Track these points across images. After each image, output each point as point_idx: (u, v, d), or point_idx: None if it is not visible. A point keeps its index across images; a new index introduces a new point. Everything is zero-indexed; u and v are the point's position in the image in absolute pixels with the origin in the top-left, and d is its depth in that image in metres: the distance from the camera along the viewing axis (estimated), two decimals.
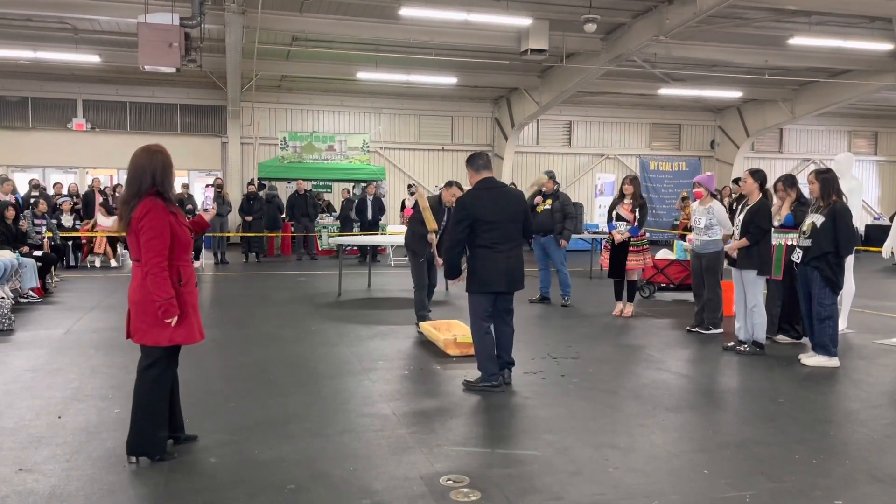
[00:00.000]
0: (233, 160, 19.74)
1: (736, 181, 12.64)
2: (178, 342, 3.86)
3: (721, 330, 7.73)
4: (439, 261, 7.55)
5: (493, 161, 21.97)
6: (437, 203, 7.80)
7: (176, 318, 3.77)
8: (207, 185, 15.18)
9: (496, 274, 5.30)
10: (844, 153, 8.27)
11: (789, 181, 7.21)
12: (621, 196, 8.88)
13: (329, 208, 18.06)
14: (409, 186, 18.03)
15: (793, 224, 6.95)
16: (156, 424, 3.88)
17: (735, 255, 6.82)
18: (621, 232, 8.64)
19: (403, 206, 17.26)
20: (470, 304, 5.45)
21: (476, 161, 5.49)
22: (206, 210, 4.42)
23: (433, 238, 7.63)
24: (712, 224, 7.59)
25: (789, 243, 6.96)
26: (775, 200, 7.26)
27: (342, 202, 17.40)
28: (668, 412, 4.94)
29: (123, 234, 3.91)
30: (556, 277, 9.79)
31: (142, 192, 3.78)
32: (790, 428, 4.62)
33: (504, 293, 5.45)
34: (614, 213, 8.81)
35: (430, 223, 7.61)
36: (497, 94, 21.45)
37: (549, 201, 9.59)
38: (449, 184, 7.77)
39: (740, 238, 6.77)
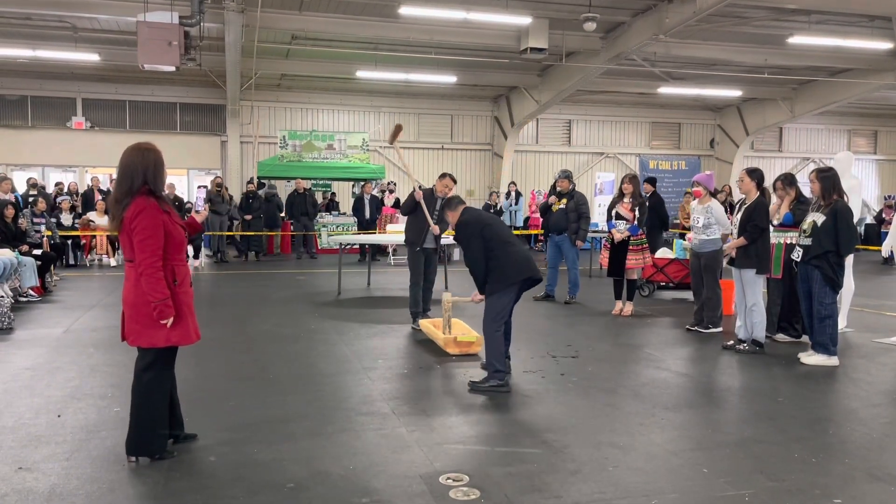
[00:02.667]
0: (232, 159, 19.72)
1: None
2: (174, 343, 3.81)
3: (720, 329, 7.74)
4: (436, 228, 7.61)
5: (492, 160, 22.15)
6: (430, 194, 7.84)
7: (171, 320, 3.73)
8: (199, 187, 15.14)
9: (522, 263, 5.38)
10: (844, 152, 8.27)
11: (788, 180, 7.21)
12: (620, 195, 8.89)
13: (333, 206, 18.02)
14: (389, 184, 17.87)
15: (792, 223, 6.96)
16: (155, 425, 3.87)
17: (734, 254, 6.83)
18: (621, 231, 8.65)
19: (381, 204, 16.99)
20: (490, 305, 5.40)
21: (452, 202, 5.76)
22: (197, 212, 4.38)
23: (437, 229, 7.63)
24: (711, 223, 7.60)
25: (788, 242, 6.97)
26: (774, 199, 7.26)
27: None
28: (668, 411, 4.94)
29: (116, 233, 3.86)
30: (564, 276, 9.81)
31: (134, 191, 3.72)
32: (789, 427, 4.62)
33: (526, 282, 5.44)
34: (614, 212, 8.81)
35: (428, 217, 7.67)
36: (497, 93, 21.43)
37: (563, 200, 9.62)
38: (442, 175, 7.92)
39: (738, 237, 6.78)
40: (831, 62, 17.15)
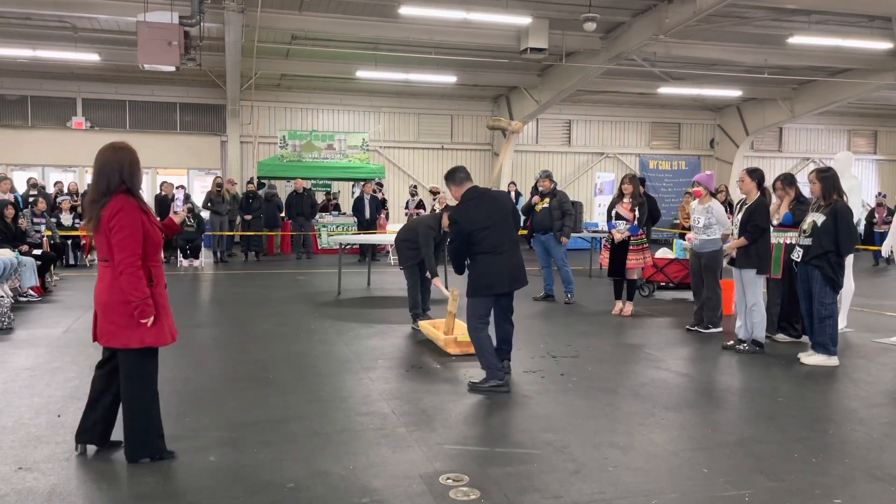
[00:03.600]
0: (232, 159, 19.74)
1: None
2: (149, 344, 3.76)
3: (720, 329, 7.73)
4: (438, 281, 7.45)
5: (492, 160, 22.14)
6: (436, 224, 7.61)
7: (152, 319, 3.69)
8: (178, 187, 15.07)
9: (499, 276, 5.36)
10: (844, 152, 8.27)
11: (788, 180, 7.21)
12: (620, 195, 8.89)
13: (335, 207, 18.04)
14: (379, 184, 17.58)
15: (791, 223, 6.96)
16: (150, 426, 3.84)
17: (734, 254, 6.83)
18: (621, 231, 8.65)
19: (378, 208, 16.61)
20: (469, 306, 5.46)
21: (456, 175, 5.56)
22: (175, 213, 4.37)
23: (438, 283, 7.44)
24: (711, 223, 7.60)
25: (788, 242, 6.97)
26: (774, 199, 7.27)
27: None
28: (668, 411, 4.94)
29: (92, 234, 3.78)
30: (559, 275, 9.82)
31: (111, 190, 3.69)
32: (789, 427, 4.62)
33: (507, 294, 5.50)
34: (614, 213, 8.82)
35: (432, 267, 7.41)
36: (496, 93, 21.44)
37: (546, 200, 9.65)
38: (448, 208, 7.63)
39: (739, 237, 6.78)
40: (831, 62, 17.16)
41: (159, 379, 3.95)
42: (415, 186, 18.81)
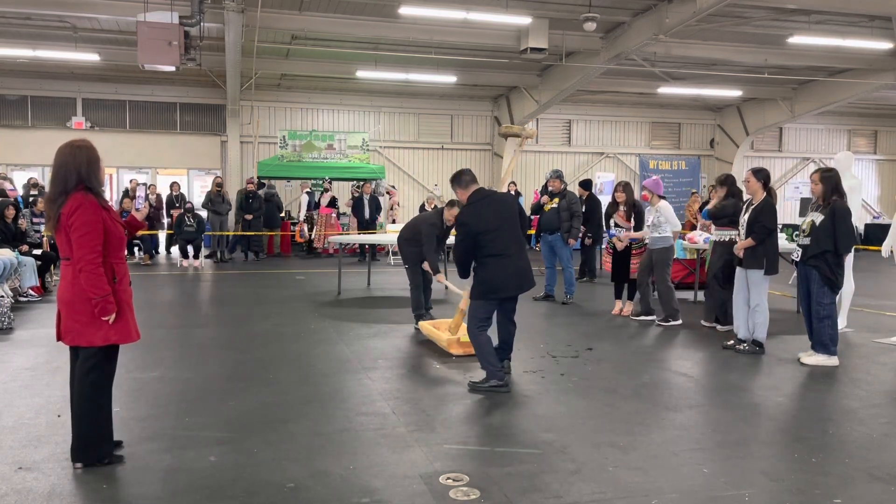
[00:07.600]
0: (232, 159, 19.72)
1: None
2: (113, 342, 3.74)
3: (679, 322, 8.04)
4: (441, 277, 7.59)
5: (492, 160, 22.13)
6: (440, 222, 7.68)
7: (114, 316, 3.68)
8: (140, 184, 15.02)
9: (505, 280, 5.36)
10: (844, 152, 8.28)
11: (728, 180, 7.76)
12: (616, 204, 8.92)
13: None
14: (325, 181, 17.39)
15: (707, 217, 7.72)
16: (100, 429, 3.81)
17: (741, 254, 6.82)
18: (622, 239, 8.70)
19: (316, 205, 16.68)
20: (471, 309, 5.49)
21: (462, 178, 5.56)
22: (137, 210, 4.38)
23: (442, 279, 7.63)
24: (660, 222, 8.07)
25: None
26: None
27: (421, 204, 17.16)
28: (668, 411, 4.94)
29: (51, 233, 3.76)
30: (561, 276, 9.83)
31: (69, 189, 3.68)
32: (789, 426, 4.62)
33: (513, 297, 5.50)
34: (612, 222, 8.91)
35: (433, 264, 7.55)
36: (496, 93, 21.43)
37: (556, 200, 9.65)
38: (451, 203, 7.52)
39: (745, 238, 6.77)
40: (831, 62, 17.14)
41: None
42: (328, 181, 18.03)
